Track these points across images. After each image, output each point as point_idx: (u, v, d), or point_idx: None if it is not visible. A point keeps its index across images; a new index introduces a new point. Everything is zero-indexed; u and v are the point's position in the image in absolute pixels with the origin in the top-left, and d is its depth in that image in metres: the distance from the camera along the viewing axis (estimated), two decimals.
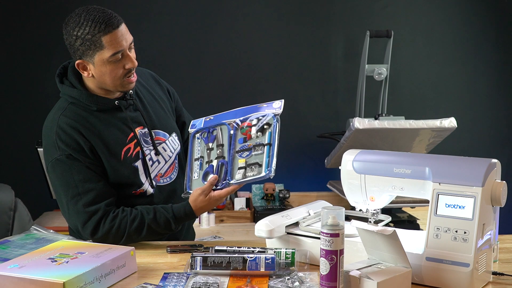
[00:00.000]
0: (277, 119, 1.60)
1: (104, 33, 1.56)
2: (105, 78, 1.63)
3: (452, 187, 1.32)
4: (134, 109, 1.75)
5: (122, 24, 1.61)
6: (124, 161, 1.69)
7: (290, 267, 1.40)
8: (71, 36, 1.59)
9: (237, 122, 1.66)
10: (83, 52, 1.59)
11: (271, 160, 1.54)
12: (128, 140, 1.71)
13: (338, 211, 1.24)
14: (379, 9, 3.27)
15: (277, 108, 1.63)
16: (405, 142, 2.55)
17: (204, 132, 1.71)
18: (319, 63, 3.29)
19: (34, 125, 3.05)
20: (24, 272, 1.29)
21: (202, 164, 1.68)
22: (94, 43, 1.57)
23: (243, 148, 1.61)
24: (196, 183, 1.67)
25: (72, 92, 1.67)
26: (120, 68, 1.62)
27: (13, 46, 3.08)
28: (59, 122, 1.64)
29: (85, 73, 1.64)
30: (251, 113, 1.66)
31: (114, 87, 1.66)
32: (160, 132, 1.79)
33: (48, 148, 1.65)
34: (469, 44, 3.34)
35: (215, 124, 1.70)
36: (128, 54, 1.62)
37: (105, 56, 1.59)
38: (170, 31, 3.16)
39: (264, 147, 1.58)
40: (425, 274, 1.32)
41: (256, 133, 1.61)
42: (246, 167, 1.59)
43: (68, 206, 1.63)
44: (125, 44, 1.60)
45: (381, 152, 1.50)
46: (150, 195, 1.74)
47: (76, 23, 1.57)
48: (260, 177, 1.55)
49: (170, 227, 1.66)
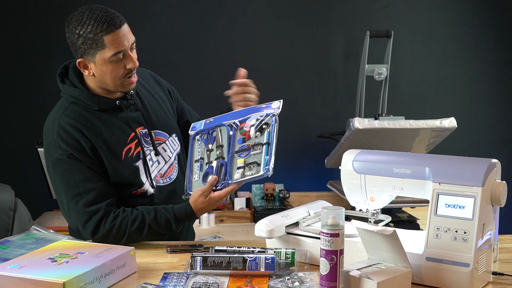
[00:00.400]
0: (276, 119, 1.60)
1: (106, 32, 1.56)
2: (106, 78, 1.63)
3: (452, 187, 1.32)
4: (135, 109, 1.75)
5: (125, 24, 1.61)
6: (125, 161, 1.69)
7: (290, 267, 1.40)
8: (73, 35, 1.59)
9: (236, 123, 1.66)
10: (84, 50, 1.59)
11: (270, 159, 1.55)
12: (129, 140, 1.71)
13: (338, 211, 1.24)
14: (379, 9, 3.27)
15: (275, 108, 1.64)
16: (405, 142, 2.55)
17: (204, 133, 1.72)
18: (319, 63, 3.29)
19: (34, 125, 3.06)
20: (24, 272, 1.29)
21: (202, 165, 1.68)
22: (95, 42, 1.57)
23: (242, 148, 1.62)
24: (196, 184, 1.67)
25: (74, 92, 1.67)
26: (121, 68, 1.62)
27: (13, 46, 3.09)
28: (60, 121, 1.64)
29: (86, 72, 1.64)
30: (250, 113, 1.66)
31: (114, 87, 1.66)
32: (160, 133, 1.79)
33: (49, 147, 1.65)
34: (469, 44, 3.35)
35: (215, 126, 1.70)
36: (130, 54, 1.62)
37: (106, 56, 1.59)
38: (170, 31, 3.16)
39: (263, 146, 1.58)
40: (425, 274, 1.32)
41: (255, 133, 1.61)
42: (245, 166, 1.59)
43: (69, 206, 1.63)
44: (126, 44, 1.60)
45: (381, 152, 1.50)
46: (150, 195, 1.74)
47: (79, 22, 1.57)
48: (258, 176, 1.55)
49: (170, 228, 1.66)
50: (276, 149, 1.57)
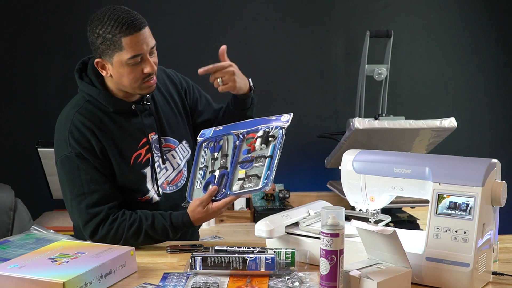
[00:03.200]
0: (283, 132, 1.59)
1: (124, 34, 1.55)
2: (123, 80, 1.62)
3: (452, 187, 1.32)
4: (149, 114, 1.73)
5: (145, 28, 1.59)
6: (132, 167, 1.68)
7: (290, 267, 1.40)
8: (94, 34, 1.58)
9: (244, 133, 1.66)
10: (103, 51, 1.58)
11: (270, 174, 1.54)
12: (139, 146, 1.70)
13: (338, 211, 1.24)
14: (379, 9, 3.27)
15: (284, 121, 1.63)
16: (405, 142, 2.55)
17: (211, 141, 1.71)
18: (319, 63, 3.28)
19: (34, 125, 3.07)
20: (24, 272, 1.29)
21: (205, 173, 1.67)
22: (114, 43, 1.56)
23: (245, 160, 1.61)
24: (197, 192, 1.66)
25: (91, 91, 1.66)
26: (139, 71, 1.61)
27: (13, 45, 3.08)
28: (74, 119, 1.63)
29: (103, 72, 1.63)
30: (259, 125, 1.66)
31: (132, 89, 1.65)
32: (171, 139, 1.78)
33: (60, 143, 1.65)
34: (469, 44, 3.34)
35: (223, 134, 1.70)
36: (148, 58, 1.60)
37: (123, 58, 1.57)
38: (170, 31, 3.16)
39: (266, 159, 1.57)
40: (425, 274, 1.32)
41: (260, 145, 1.60)
42: (245, 178, 1.58)
43: (72, 204, 1.64)
44: (145, 48, 1.59)
45: (381, 152, 1.50)
46: (155, 203, 1.74)
47: (100, 21, 1.56)
48: (256, 190, 1.55)
49: (167, 235, 1.64)
50: (278, 162, 1.55)
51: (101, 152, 1.64)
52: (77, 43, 2.86)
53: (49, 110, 1.72)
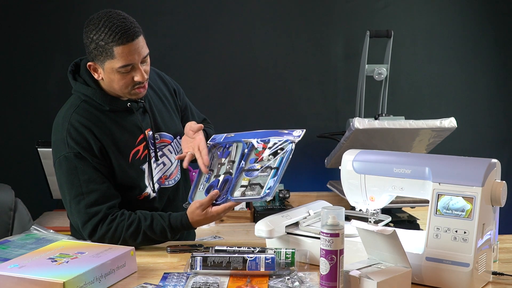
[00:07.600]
0: (292, 147, 1.60)
1: (117, 44, 1.55)
2: (113, 85, 1.64)
3: (452, 187, 1.32)
4: (143, 111, 1.75)
5: (139, 37, 1.59)
6: (132, 163, 1.69)
7: (290, 267, 1.40)
8: (88, 38, 1.59)
9: (254, 143, 1.67)
10: (95, 56, 1.59)
11: (273, 185, 1.54)
12: (137, 142, 1.71)
13: (338, 211, 1.24)
14: (379, 9, 3.27)
15: (296, 136, 1.64)
16: (405, 142, 2.55)
17: (220, 147, 1.73)
18: (319, 63, 3.28)
19: (34, 125, 3.07)
20: (24, 272, 1.29)
21: (210, 177, 1.68)
22: (106, 51, 1.56)
23: (251, 168, 1.61)
24: (199, 194, 1.66)
25: (86, 90, 1.67)
26: (129, 79, 1.62)
27: (13, 45, 3.08)
28: (71, 119, 1.64)
29: (95, 75, 1.65)
30: (270, 136, 1.67)
31: (122, 94, 1.67)
32: (166, 135, 1.79)
33: (57, 143, 1.65)
34: (469, 44, 3.34)
35: (233, 141, 1.71)
36: (139, 67, 1.61)
37: (114, 66, 1.58)
38: (170, 31, 3.16)
39: (271, 170, 1.58)
40: (425, 274, 1.32)
41: (268, 156, 1.61)
42: (248, 186, 1.58)
43: (71, 204, 1.64)
44: (137, 58, 1.59)
45: (381, 152, 1.50)
46: (152, 199, 1.75)
47: (95, 26, 1.57)
48: (257, 198, 1.55)
49: (166, 236, 1.64)
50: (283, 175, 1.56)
51: (100, 151, 1.64)
52: (77, 43, 2.84)
53: (49, 110, 1.71)
